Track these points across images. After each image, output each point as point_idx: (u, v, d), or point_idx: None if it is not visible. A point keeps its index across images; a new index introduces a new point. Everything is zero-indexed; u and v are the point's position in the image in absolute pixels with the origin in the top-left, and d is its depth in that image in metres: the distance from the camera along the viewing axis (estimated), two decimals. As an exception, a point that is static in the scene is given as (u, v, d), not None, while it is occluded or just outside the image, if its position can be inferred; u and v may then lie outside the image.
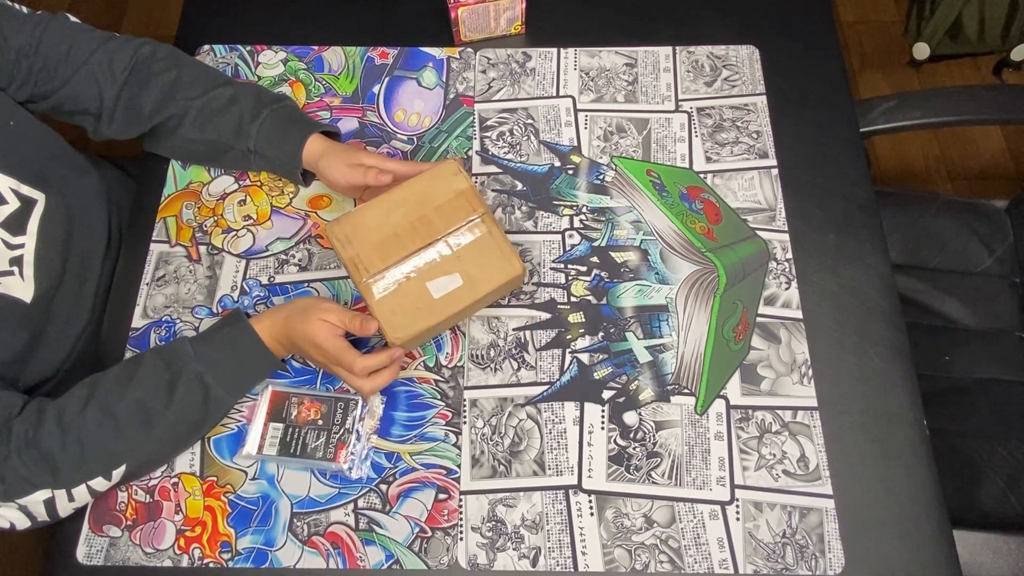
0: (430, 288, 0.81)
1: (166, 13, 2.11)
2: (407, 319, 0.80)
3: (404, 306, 0.80)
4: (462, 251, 0.83)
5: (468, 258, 0.83)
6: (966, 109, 1.15)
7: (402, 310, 0.80)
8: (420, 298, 0.81)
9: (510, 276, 0.83)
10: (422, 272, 0.82)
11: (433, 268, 0.82)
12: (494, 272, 0.82)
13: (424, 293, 0.81)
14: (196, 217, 0.99)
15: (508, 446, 0.86)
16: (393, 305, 0.80)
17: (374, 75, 1.08)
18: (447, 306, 0.81)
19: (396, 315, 0.80)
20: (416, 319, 0.80)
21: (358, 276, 0.81)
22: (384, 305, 0.80)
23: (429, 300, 0.81)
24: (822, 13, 1.11)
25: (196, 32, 1.12)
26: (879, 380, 0.88)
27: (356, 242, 0.81)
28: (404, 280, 0.81)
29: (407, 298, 0.81)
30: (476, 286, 0.82)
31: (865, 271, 0.94)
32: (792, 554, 0.81)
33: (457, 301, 0.81)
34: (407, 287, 0.81)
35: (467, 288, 0.82)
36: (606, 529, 0.83)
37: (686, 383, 0.89)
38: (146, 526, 0.83)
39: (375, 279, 0.81)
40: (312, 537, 0.83)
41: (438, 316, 0.81)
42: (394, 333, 0.80)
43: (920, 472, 0.84)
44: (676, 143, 1.02)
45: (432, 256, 0.82)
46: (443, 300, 0.81)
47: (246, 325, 0.82)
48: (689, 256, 0.95)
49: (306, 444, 0.84)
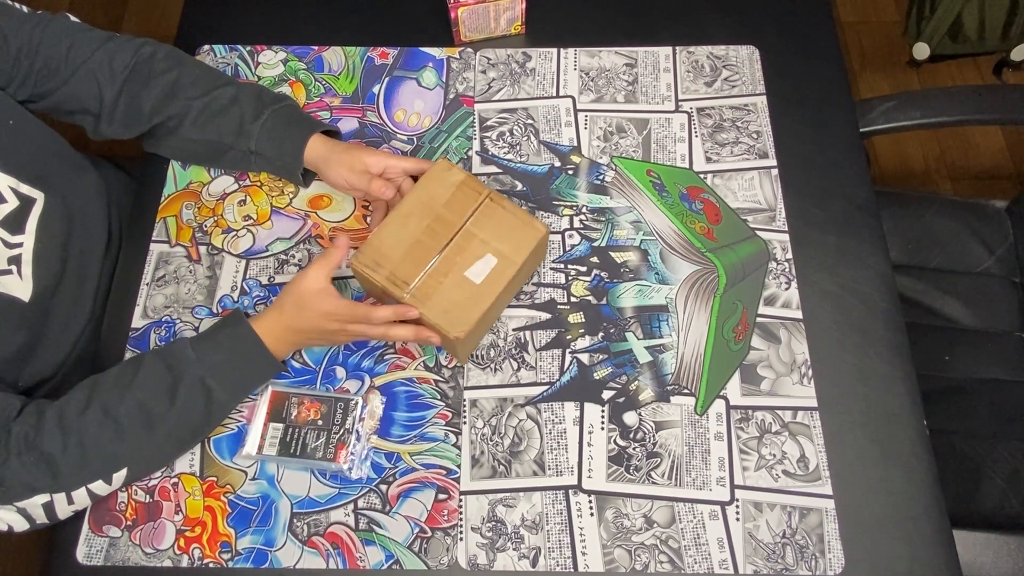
0: (470, 276, 0.82)
1: (166, 13, 2.11)
2: (461, 312, 0.80)
3: (453, 301, 0.81)
4: (485, 233, 0.84)
5: (493, 237, 0.84)
6: (966, 109, 1.15)
7: (453, 306, 0.81)
8: (464, 289, 0.81)
9: (537, 239, 0.84)
10: (457, 265, 0.82)
11: (465, 258, 0.82)
12: (521, 241, 0.84)
13: (466, 283, 0.82)
14: (196, 217, 0.99)
15: (508, 446, 0.86)
16: (443, 305, 0.81)
17: (374, 75, 1.08)
18: (492, 287, 0.82)
19: (449, 312, 0.80)
20: (469, 309, 0.81)
21: (400, 292, 0.81)
22: (435, 307, 0.81)
23: (473, 288, 0.81)
24: (822, 13, 1.11)
25: (196, 32, 1.11)
26: (879, 380, 0.88)
27: (384, 263, 0.82)
28: (443, 279, 0.82)
29: (453, 293, 0.81)
30: (511, 258, 0.83)
31: (865, 271, 0.94)
32: (792, 554, 0.81)
33: (499, 279, 0.82)
34: (449, 284, 0.81)
35: (503, 264, 0.83)
36: (606, 529, 0.83)
37: (686, 383, 0.89)
38: (146, 526, 0.83)
39: (416, 288, 0.81)
40: (312, 537, 0.83)
41: (488, 299, 0.81)
42: (455, 329, 0.80)
43: (920, 472, 0.84)
44: (676, 143, 1.02)
45: (459, 248, 0.83)
46: (486, 283, 0.82)
47: (247, 328, 0.81)
48: (689, 256, 0.95)
49: (306, 444, 0.84)
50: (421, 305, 0.80)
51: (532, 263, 0.88)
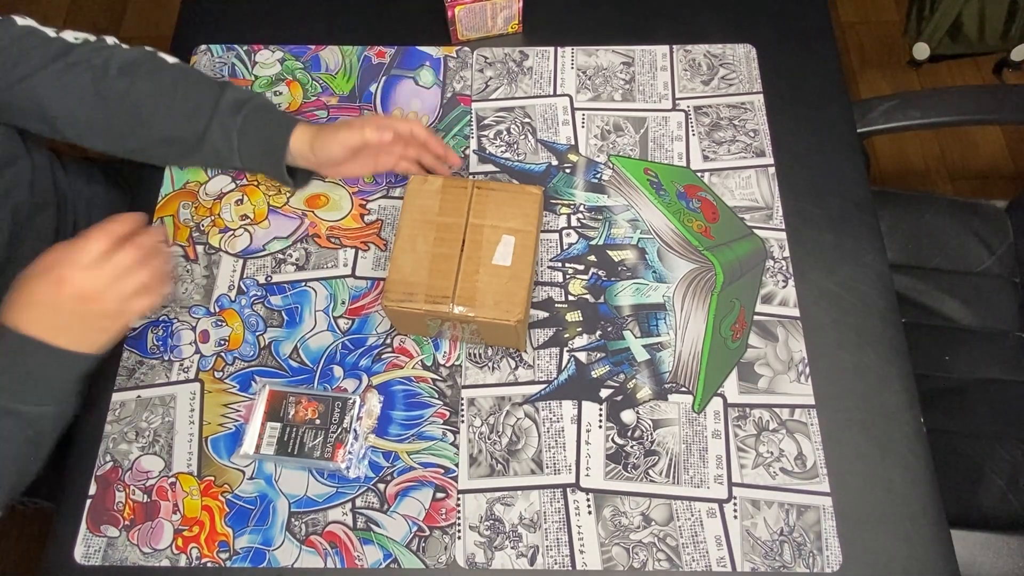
0: (499, 263, 0.83)
1: (165, 13, 2.12)
2: (509, 298, 0.81)
3: (496, 291, 0.81)
4: (489, 219, 0.84)
5: (499, 219, 0.84)
6: (966, 109, 1.15)
7: (499, 295, 0.81)
8: (501, 276, 0.82)
9: (538, 201, 0.86)
10: (482, 259, 0.83)
11: (485, 249, 0.83)
12: (525, 210, 0.85)
13: (499, 270, 0.82)
14: (193, 217, 0.99)
15: (506, 445, 0.86)
16: (489, 299, 0.81)
17: (371, 74, 1.08)
18: (524, 261, 0.83)
19: (500, 303, 0.81)
20: (514, 291, 0.81)
21: (446, 308, 0.81)
22: (484, 305, 0.81)
23: (507, 271, 0.82)
24: (819, 11, 1.11)
25: (193, 32, 1.12)
26: (876, 378, 0.88)
27: (415, 290, 0.82)
28: (476, 276, 0.82)
29: (492, 285, 0.82)
30: (525, 229, 0.84)
31: (862, 269, 0.94)
32: (790, 552, 0.81)
33: (526, 251, 0.83)
34: (484, 278, 0.82)
35: (522, 237, 0.84)
36: (604, 527, 0.82)
37: (683, 381, 0.89)
38: (144, 526, 0.83)
39: (458, 296, 0.81)
40: (310, 536, 0.83)
41: (526, 273, 0.82)
42: (514, 315, 0.80)
43: (917, 469, 0.84)
44: (673, 142, 1.02)
45: (475, 243, 0.83)
46: (516, 261, 0.83)
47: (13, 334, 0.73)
48: (686, 254, 0.95)
49: (304, 443, 0.84)
50: (470, 309, 0.80)
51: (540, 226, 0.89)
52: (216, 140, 0.89)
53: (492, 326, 0.82)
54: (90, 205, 1.02)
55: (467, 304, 0.81)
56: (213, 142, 0.89)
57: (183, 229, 0.98)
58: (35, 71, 0.85)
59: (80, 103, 0.86)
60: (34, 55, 0.85)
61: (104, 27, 0.92)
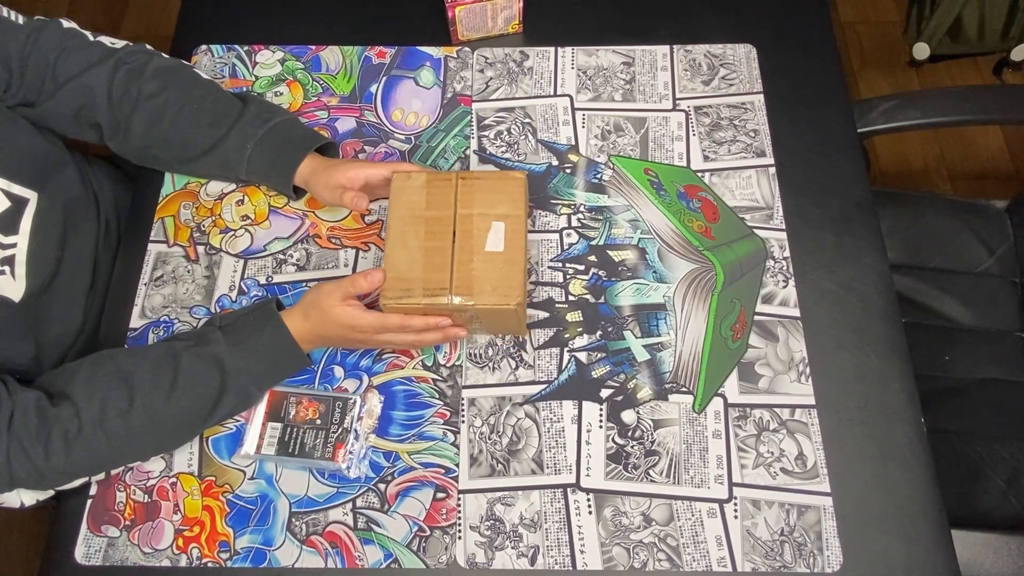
0: (491, 249, 0.82)
1: (165, 13, 2.12)
2: (506, 283, 0.81)
3: (493, 278, 0.81)
4: (477, 208, 0.84)
5: (486, 206, 0.84)
6: (966, 109, 1.15)
7: (495, 281, 0.81)
8: (495, 262, 0.82)
9: (522, 186, 0.85)
10: (474, 248, 0.82)
11: (476, 238, 0.83)
12: (511, 195, 0.84)
13: (492, 256, 0.82)
14: (194, 217, 0.99)
15: (506, 445, 0.86)
16: (487, 286, 0.81)
17: (372, 74, 1.08)
18: (516, 246, 0.82)
19: (498, 288, 0.81)
20: (510, 275, 0.81)
21: (445, 300, 0.81)
22: (482, 292, 0.81)
23: (501, 256, 0.82)
24: (819, 12, 1.11)
25: (193, 32, 1.12)
26: (876, 378, 0.88)
27: (412, 285, 0.82)
28: (471, 265, 0.82)
29: (488, 272, 0.81)
30: (514, 214, 0.84)
31: (862, 269, 0.94)
32: (790, 552, 0.81)
33: (517, 236, 0.83)
34: (479, 266, 0.82)
35: (512, 221, 0.83)
36: (604, 527, 0.82)
37: (684, 381, 0.89)
38: (144, 526, 0.83)
39: (455, 287, 0.81)
40: (311, 536, 0.83)
41: (520, 258, 0.82)
42: (510, 302, 0.80)
43: (918, 469, 0.84)
44: (674, 142, 1.02)
45: (466, 233, 0.83)
46: (509, 246, 0.82)
47: (290, 340, 0.83)
48: (687, 254, 0.95)
49: (304, 443, 0.84)
50: (468, 298, 0.80)
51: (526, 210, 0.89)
52: (228, 148, 0.91)
53: (492, 312, 0.82)
54: (117, 204, 1.03)
55: (465, 293, 0.81)
56: (224, 150, 0.91)
57: (184, 229, 0.98)
58: (83, 71, 0.88)
59: (119, 104, 0.90)
60: (80, 55, 0.89)
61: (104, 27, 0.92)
